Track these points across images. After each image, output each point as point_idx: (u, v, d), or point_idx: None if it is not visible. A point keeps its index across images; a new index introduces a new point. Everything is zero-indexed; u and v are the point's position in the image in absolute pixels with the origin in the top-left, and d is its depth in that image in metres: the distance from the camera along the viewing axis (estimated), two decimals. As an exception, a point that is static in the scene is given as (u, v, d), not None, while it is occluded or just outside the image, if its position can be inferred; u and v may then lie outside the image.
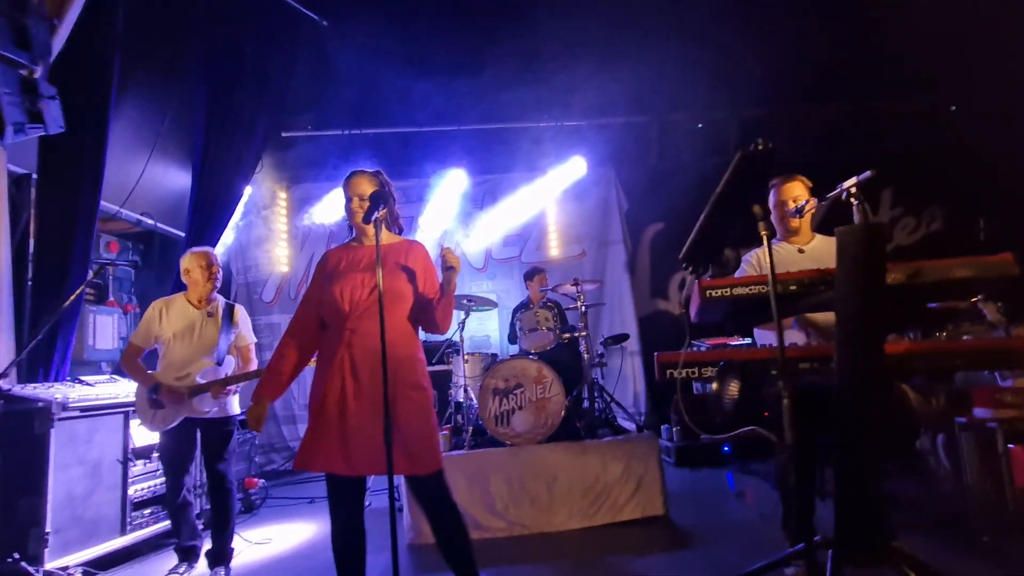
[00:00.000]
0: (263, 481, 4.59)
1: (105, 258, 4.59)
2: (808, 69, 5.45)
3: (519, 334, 4.13)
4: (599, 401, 4.00)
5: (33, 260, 3.53)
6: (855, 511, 1.79)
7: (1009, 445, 2.52)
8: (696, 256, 1.77)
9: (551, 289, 4.48)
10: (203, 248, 3.03)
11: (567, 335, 3.97)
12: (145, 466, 3.35)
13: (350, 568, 1.94)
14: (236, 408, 2.98)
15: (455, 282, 2.02)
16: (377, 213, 1.92)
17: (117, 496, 3.16)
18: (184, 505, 2.87)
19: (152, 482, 3.36)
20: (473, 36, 5.10)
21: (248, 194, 5.59)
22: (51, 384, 3.20)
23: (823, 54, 5.26)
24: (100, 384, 3.28)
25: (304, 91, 5.54)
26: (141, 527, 3.27)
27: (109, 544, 3.07)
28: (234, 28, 4.78)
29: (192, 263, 2.94)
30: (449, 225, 6.22)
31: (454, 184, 6.06)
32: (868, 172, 1.78)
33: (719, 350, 1.97)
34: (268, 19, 4.90)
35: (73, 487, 2.92)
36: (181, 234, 4.91)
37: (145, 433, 3.27)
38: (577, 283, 4.08)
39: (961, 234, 5.87)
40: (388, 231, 2.14)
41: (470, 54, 5.13)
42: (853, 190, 1.84)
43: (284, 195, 6.33)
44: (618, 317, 6.12)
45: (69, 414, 2.93)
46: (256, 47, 4.87)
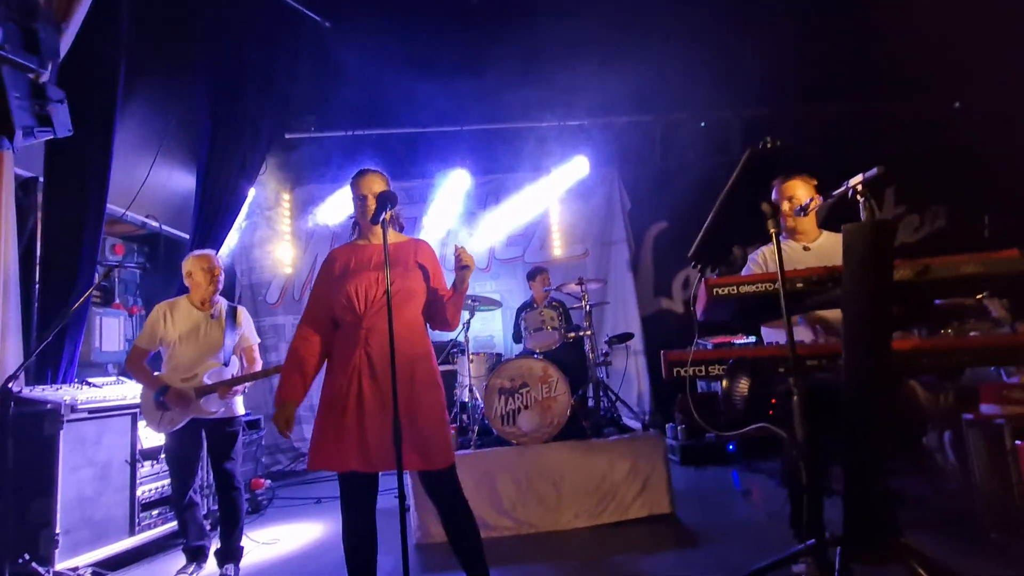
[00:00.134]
0: (269, 482, 4.60)
1: (113, 260, 4.61)
2: (810, 68, 5.45)
3: (524, 333, 4.14)
4: (604, 400, 4.01)
5: (40, 263, 3.54)
6: (863, 508, 1.79)
7: (1017, 441, 2.51)
8: (705, 255, 1.78)
9: (555, 288, 4.49)
10: (205, 251, 3.05)
11: (572, 334, 3.98)
12: (153, 467, 3.37)
13: (361, 567, 1.94)
14: (241, 409, 3.00)
15: (468, 280, 2.03)
16: (384, 214, 1.93)
17: (126, 497, 3.18)
18: (191, 505, 2.90)
19: (160, 483, 3.37)
20: (475, 36, 5.10)
21: (252, 196, 5.60)
22: (59, 386, 3.21)
23: (825, 53, 5.26)
24: (107, 386, 3.30)
25: (307, 93, 5.55)
26: (149, 528, 3.28)
27: (118, 545, 3.08)
28: (237, 30, 4.79)
29: (194, 266, 2.96)
30: (453, 225, 6.22)
31: (457, 184, 6.06)
32: (875, 169, 1.77)
33: (725, 348, 1.98)
34: (271, 21, 4.91)
35: (82, 488, 2.94)
36: (186, 236, 4.91)
37: (152, 434, 3.29)
38: (582, 282, 4.10)
39: (965, 231, 5.87)
40: (393, 230, 2.15)
41: (472, 54, 5.13)
42: (860, 188, 1.84)
43: (288, 196, 6.34)
44: (622, 316, 6.12)
45: (78, 416, 2.95)
46: (259, 49, 4.88)
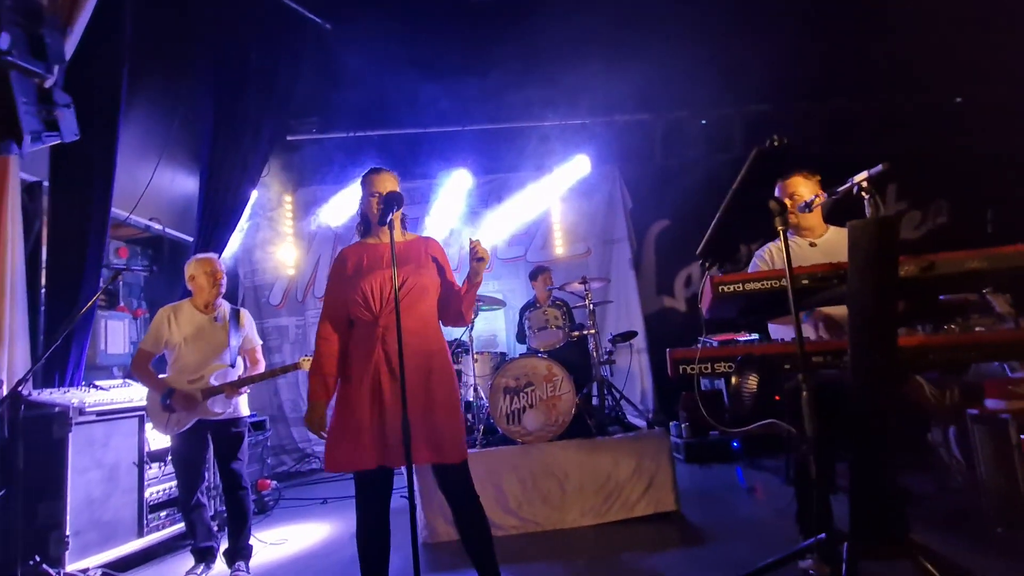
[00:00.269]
0: (275, 483, 4.61)
1: (117, 264, 4.63)
2: (811, 65, 5.45)
3: (528, 333, 4.14)
4: (609, 398, 4.02)
5: (46, 268, 3.56)
6: (871, 503, 1.79)
7: (1022, 436, 2.52)
8: (713, 253, 1.79)
9: (558, 287, 4.50)
10: (207, 255, 3.07)
11: (576, 333, 3.99)
12: (161, 469, 3.38)
13: (374, 564, 1.96)
14: (246, 410, 3.02)
15: (483, 273, 2.03)
16: (392, 214, 1.94)
17: (134, 499, 3.20)
18: (198, 507, 2.90)
19: (168, 485, 3.39)
20: (477, 36, 5.11)
21: (255, 198, 5.61)
22: (67, 389, 3.23)
23: (826, 51, 5.27)
24: (114, 388, 3.31)
25: (309, 94, 5.56)
26: (158, 529, 3.30)
27: (127, 546, 3.10)
28: (239, 33, 4.81)
29: (197, 270, 2.97)
30: (455, 225, 6.23)
31: (459, 184, 6.08)
32: (880, 166, 1.78)
33: (731, 346, 1.98)
34: (273, 24, 4.94)
35: (91, 490, 2.96)
36: (190, 239, 4.93)
37: (160, 436, 3.30)
38: (585, 281, 4.11)
39: (967, 227, 5.86)
40: (401, 229, 2.17)
41: (474, 54, 5.14)
42: (864, 184, 1.84)
43: (290, 198, 6.36)
44: (624, 315, 6.12)
45: (86, 418, 2.96)
46: (261, 51, 4.91)
